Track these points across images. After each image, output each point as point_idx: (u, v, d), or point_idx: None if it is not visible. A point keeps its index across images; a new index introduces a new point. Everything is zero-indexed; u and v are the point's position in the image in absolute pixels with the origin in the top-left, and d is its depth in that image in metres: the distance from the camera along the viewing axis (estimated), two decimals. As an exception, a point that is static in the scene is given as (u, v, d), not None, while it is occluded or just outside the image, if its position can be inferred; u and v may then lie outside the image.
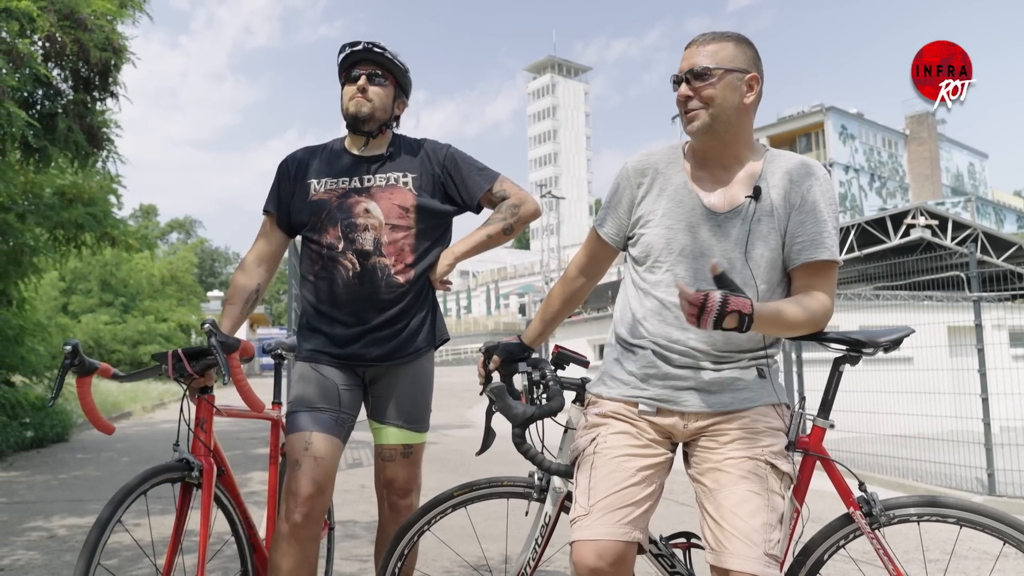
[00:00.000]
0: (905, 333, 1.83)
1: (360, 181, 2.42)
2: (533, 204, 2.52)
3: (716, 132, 1.81)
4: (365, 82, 2.40)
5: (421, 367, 2.46)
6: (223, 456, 2.31)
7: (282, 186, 2.50)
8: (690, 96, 1.80)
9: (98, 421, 2.17)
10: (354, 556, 4.03)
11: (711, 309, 1.52)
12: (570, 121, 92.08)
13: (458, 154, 2.52)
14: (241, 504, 2.42)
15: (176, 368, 2.16)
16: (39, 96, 7.58)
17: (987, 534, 1.75)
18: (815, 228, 1.81)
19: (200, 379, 2.22)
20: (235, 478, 2.42)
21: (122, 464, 8.01)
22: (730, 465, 1.73)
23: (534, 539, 2.01)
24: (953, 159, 52.78)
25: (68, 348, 2.09)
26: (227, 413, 2.45)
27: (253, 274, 2.47)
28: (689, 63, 1.81)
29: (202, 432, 2.20)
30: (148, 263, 27.80)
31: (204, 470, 2.14)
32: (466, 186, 2.47)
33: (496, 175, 2.52)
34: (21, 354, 9.54)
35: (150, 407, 16.71)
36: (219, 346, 2.10)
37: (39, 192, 9.17)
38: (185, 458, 2.12)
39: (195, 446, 2.18)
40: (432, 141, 2.55)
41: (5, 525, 4.94)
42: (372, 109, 2.41)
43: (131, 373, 2.29)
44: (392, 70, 2.45)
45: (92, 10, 7.09)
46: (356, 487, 6.20)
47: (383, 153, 2.47)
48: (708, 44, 1.81)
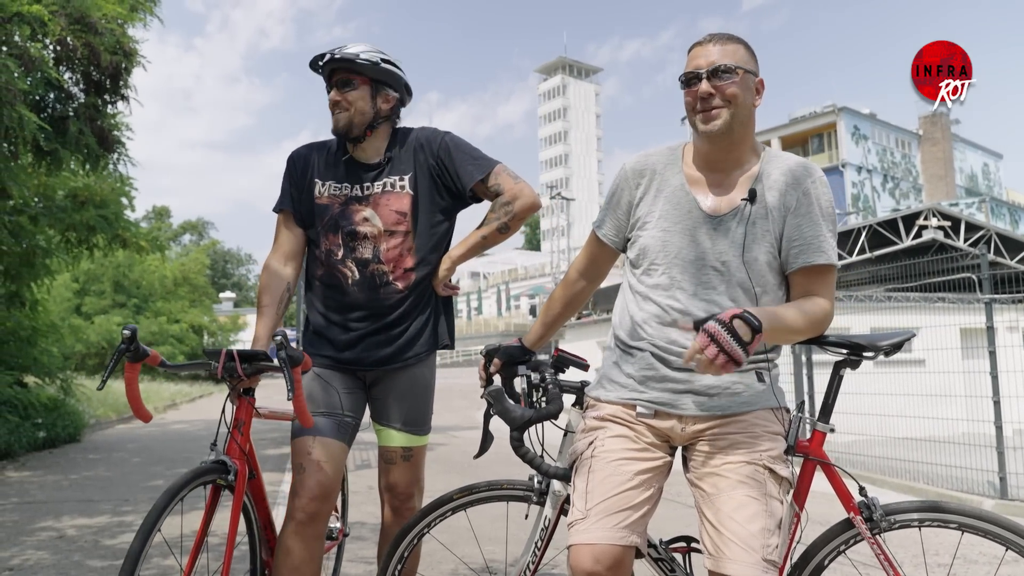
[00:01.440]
0: (906, 337, 1.81)
1: (360, 189, 2.41)
2: (529, 197, 2.42)
3: (732, 132, 1.79)
4: (336, 93, 2.37)
5: (421, 371, 2.46)
6: (256, 459, 2.31)
7: (293, 181, 2.49)
8: (712, 94, 1.77)
9: (139, 408, 2.17)
10: (360, 558, 4.04)
11: (720, 334, 1.52)
12: (581, 122, 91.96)
13: (453, 142, 2.45)
14: (266, 507, 2.41)
15: (227, 368, 2.15)
16: (50, 99, 7.66)
17: (989, 540, 1.73)
18: (812, 231, 1.79)
19: (246, 380, 2.21)
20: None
21: (133, 465, 8.06)
22: (728, 470, 1.72)
23: (534, 542, 2.01)
24: (967, 159, 52.33)
25: (127, 333, 2.06)
26: (266, 416, 2.46)
27: (282, 273, 2.45)
28: (709, 60, 1.77)
29: (239, 434, 2.20)
30: (160, 264, 28.01)
31: (237, 472, 2.15)
32: (459, 175, 2.41)
33: (492, 165, 2.43)
34: (34, 355, 9.64)
35: (162, 408, 16.83)
36: (288, 360, 2.06)
37: (51, 194, 9.26)
38: (222, 460, 2.12)
39: (230, 447, 2.18)
40: (429, 130, 2.49)
41: (16, 525, 4.98)
42: (348, 118, 2.37)
43: (178, 364, 2.30)
44: (360, 70, 2.37)
45: (103, 14, 7.16)
46: (364, 488, 6.21)
47: (382, 160, 2.44)
48: (726, 44, 1.79)
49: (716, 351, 1.51)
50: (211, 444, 2.15)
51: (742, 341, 1.52)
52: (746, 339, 1.53)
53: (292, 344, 2.10)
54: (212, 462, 2.11)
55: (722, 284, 1.80)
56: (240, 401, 2.24)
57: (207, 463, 2.09)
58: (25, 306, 9.77)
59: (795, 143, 46.19)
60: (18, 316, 9.51)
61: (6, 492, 6.31)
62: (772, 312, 1.68)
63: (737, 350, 1.51)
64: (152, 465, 7.97)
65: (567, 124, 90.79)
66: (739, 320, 1.53)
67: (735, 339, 1.51)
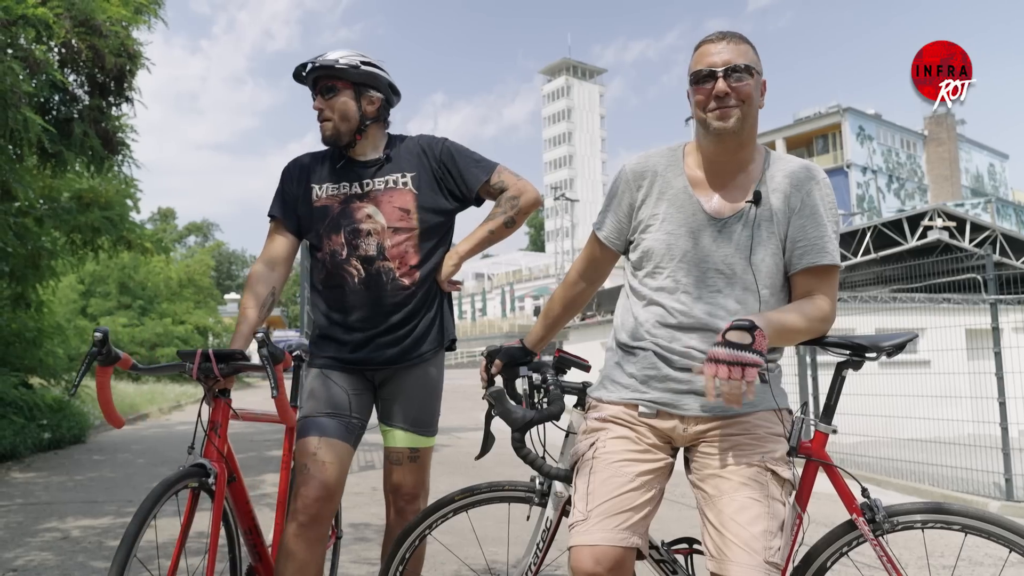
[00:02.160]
0: (908, 338, 1.81)
1: (361, 186, 2.43)
2: (533, 193, 2.49)
3: (743, 132, 1.78)
4: (320, 101, 2.40)
5: (429, 371, 2.46)
6: (235, 461, 2.29)
7: (286, 189, 2.51)
8: (728, 93, 1.75)
9: (111, 413, 2.16)
10: (363, 559, 4.04)
11: (720, 353, 1.52)
12: (585, 123, 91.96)
13: (454, 147, 2.50)
14: (250, 512, 2.39)
15: (202, 368, 2.13)
16: (55, 102, 7.69)
17: (993, 541, 1.72)
18: (816, 232, 1.79)
19: (222, 381, 2.20)
20: (248, 480, 2.40)
21: (138, 466, 8.08)
22: (730, 471, 1.72)
23: (535, 544, 2.00)
24: (973, 160, 52.18)
25: (98, 335, 2.04)
26: (244, 417, 2.44)
27: (266, 278, 2.45)
28: (724, 59, 1.75)
29: (216, 436, 2.18)
30: (165, 266, 28.07)
31: (217, 475, 2.12)
32: (464, 179, 2.46)
33: (494, 166, 2.50)
34: (39, 356, 9.68)
35: (167, 408, 16.86)
36: (270, 358, 2.07)
37: (56, 196, 9.31)
38: (201, 463, 2.10)
39: (208, 449, 2.16)
40: (428, 136, 2.54)
41: (20, 526, 5.00)
42: (334, 126, 2.40)
43: (149, 367, 2.29)
44: (340, 75, 2.38)
45: (107, 17, 7.19)
46: (368, 489, 6.21)
47: (380, 157, 2.46)
48: (739, 44, 1.78)
49: (727, 369, 1.51)
50: (189, 447, 2.13)
51: (744, 346, 1.52)
52: (746, 342, 1.52)
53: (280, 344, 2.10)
54: (191, 466, 2.08)
55: (727, 287, 1.79)
56: (216, 402, 2.21)
57: (186, 468, 2.07)
58: (30, 307, 9.81)
59: (800, 144, 46.13)
60: (23, 317, 9.55)
61: (11, 493, 6.33)
62: (768, 314, 1.68)
63: (745, 355, 1.51)
64: (157, 466, 7.98)
65: (571, 125, 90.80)
66: (731, 331, 1.54)
67: (736, 348, 1.52)
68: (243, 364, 2.17)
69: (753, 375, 1.51)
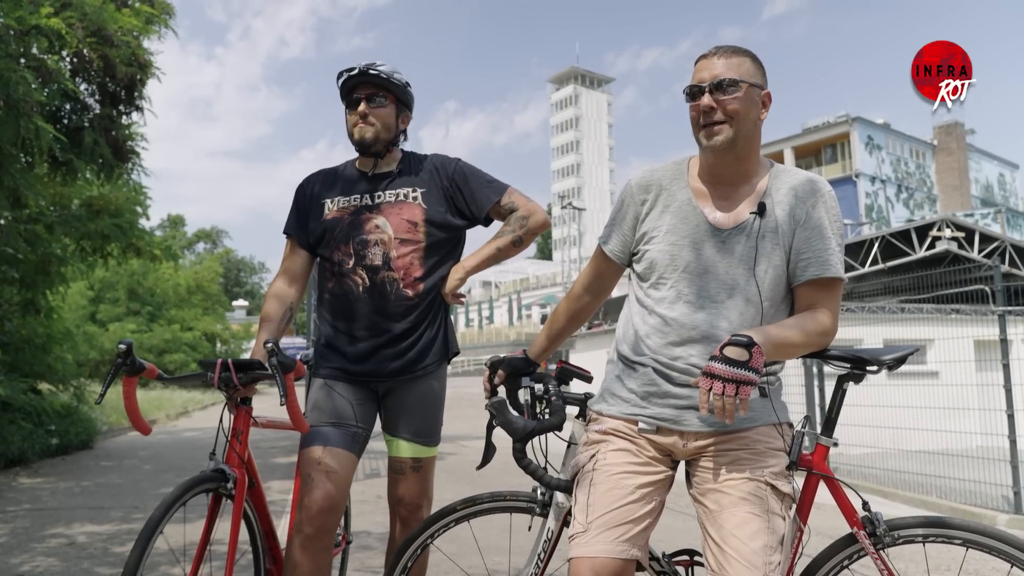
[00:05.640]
0: (910, 351, 1.81)
1: (371, 198, 2.46)
2: (542, 215, 2.54)
3: (736, 147, 1.78)
4: (365, 107, 2.44)
5: (432, 384, 2.48)
6: (255, 468, 2.34)
7: (300, 207, 2.57)
8: (713, 108, 1.76)
9: (138, 420, 2.20)
10: (367, 567, 4.04)
11: (716, 368, 1.54)
12: (593, 132, 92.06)
13: (467, 167, 2.54)
14: (267, 516, 2.44)
15: (222, 378, 2.19)
16: (66, 110, 7.77)
17: (994, 556, 1.71)
18: (820, 245, 1.79)
19: (242, 390, 2.25)
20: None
21: (144, 472, 8.11)
22: (730, 486, 1.72)
23: (537, 554, 2.01)
24: (983, 169, 51.98)
25: (122, 347, 2.11)
26: (264, 424, 2.49)
27: (284, 295, 2.51)
28: (712, 73, 1.76)
29: (237, 443, 2.23)
30: (174, 273, 28.21)
31: (236, 481, 2.17)
32: (475, 199, 2.49)
33: (505, 187, 2.54)
34: (48, 362, 9.72)
35: (174, 415, 16.92)
36: (279, 367, 2.11)
37: (67, 203, 9.38)
38: (221, 468, 2.15)
39: (229, 456, 2.21)
40: (441, 156, 2.58)
41: (27, 531, 5.02)
42: (376, 132, 2.45)
43: (175, 376, 2.34)
44: (390, 88, 2.46)
45: (119, 27, 7.27)
46: (372, 498, 6.22)
47: (392, 170, 2.51)
48: (730, 57, 1.78)
49: (721, 384, 1.52)
50: (210, 453, 2.18)
51: (740, 362, 1.53)
52: (743, 359, 1.53)
53: (293, 354, 2.13)
54: (211, 471, 2.13)
55: (729, 298, 1.79)
56: (238, 410, 2.27)
57: (206, 472, 2.12)
58: (40, 313, 9.87)
59: (808, 153, 46.06)
60: (33, 323, 9.61)
61: (18, 498, 6.36)
62: (767, 328, 1.68)
63: (740, 373, 1.52)
64: (163, 472, 8.01)
65: (579, 134, 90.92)
66: (729, 347, 1.55)
67: (733, 364, 1.53)
68: (261, 373, 2.22)
69: (747, 392, 1.52)
